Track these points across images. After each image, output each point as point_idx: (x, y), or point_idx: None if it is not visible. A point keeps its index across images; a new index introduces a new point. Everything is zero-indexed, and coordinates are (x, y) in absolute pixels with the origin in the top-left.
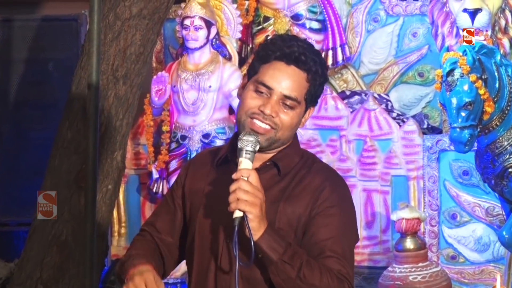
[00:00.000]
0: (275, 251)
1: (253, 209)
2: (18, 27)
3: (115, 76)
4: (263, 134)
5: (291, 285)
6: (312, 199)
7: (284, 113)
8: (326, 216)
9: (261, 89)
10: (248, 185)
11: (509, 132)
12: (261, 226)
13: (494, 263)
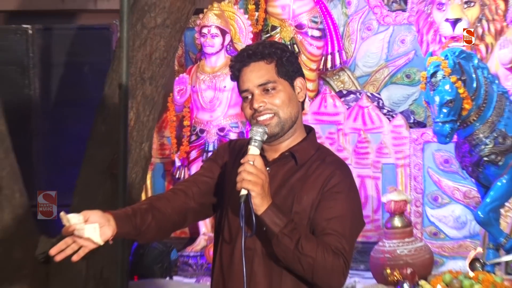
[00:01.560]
0: (276, 225)
1: (255, 187)
2: (57, 35)
3: (142, 77)
4: (269, 123)
5: (290, 255)
6: (323, 185)
7: (270, 96)
8: (332, 199)
9: (245, 95)
10: (253, 168)
11: (484, 126)
12: (264, 203)
13: (471, 239)
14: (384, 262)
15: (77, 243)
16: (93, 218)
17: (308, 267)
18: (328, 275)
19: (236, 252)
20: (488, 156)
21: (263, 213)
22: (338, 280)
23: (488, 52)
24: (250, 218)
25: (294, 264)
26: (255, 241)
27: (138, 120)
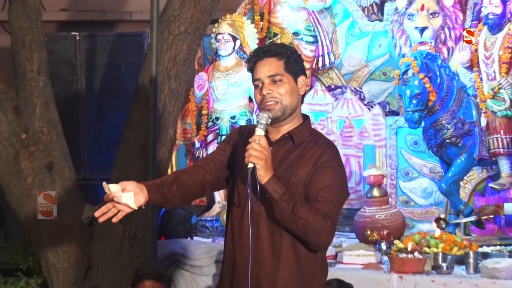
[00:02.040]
0: (277, 192)
1: (260, 161)
2: (99, 40)
3: (168, 75)
4: (273, 108)
5: (287, 217)
6: (315, 161)
7: (276, 86)
8: (323, 173)
9: (256, 84)
10: (258, 146)
11: (446, 114)
12: (267, 174)
13: (435, 206)
14: (365, 225)
15: (116, 207)
16: (129, 187)
17: (302, 227)
18: (318, 235)
19: (245, 216)
20: (449, 139)
21: (266, 183)
22: (326, 239)
23: (449, 54)
24: (255, 186)
25: (290, 225)
26: (260, 207)
27: (165, 109)
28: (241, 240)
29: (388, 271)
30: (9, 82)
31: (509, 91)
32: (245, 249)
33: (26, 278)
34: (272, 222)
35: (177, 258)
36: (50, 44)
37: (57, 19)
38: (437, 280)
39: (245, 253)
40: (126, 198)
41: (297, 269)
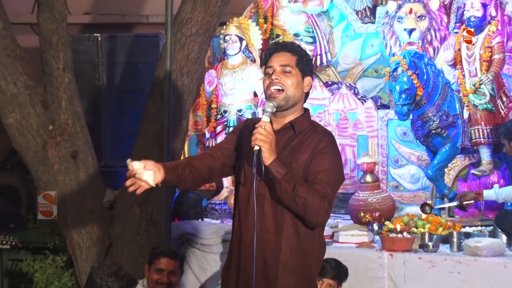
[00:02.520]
0: (279, 173)
1: (265, 144)
2: (119, 41)
3: (181, 72)
4: (277, 96)
5: (288, 196)
6: (314, 148)
7: (285, 76)
8: (320, 158)
9: (268, 71)
10: (264, 130)
11: (432, 108)
12: (271, 156)
13: (422, 190)
14: (359, 208)
15: (137, 183)
16: (149, 166)
17: (301, 206)
18: (316, 212)
19: (251, 198)
20: (435, 130)
21: (270, 164)
22: (323, 216)
23: (435, 53)
24: (260, 167)
25: (291, 203)
26: (264, 189)
27: (178, 103)
28: (247, 219)
29: (380, 249)
30: (37, 79)
31: (489, 86)
32: (252, 228)
33: (52, 256)
34: (275, 203)
35: (189, 238)
36: (74, 44)
37: (81, 22)
38: (424, 258)
39: (251, 231)
40: (146, 175)
41: (297, 245)
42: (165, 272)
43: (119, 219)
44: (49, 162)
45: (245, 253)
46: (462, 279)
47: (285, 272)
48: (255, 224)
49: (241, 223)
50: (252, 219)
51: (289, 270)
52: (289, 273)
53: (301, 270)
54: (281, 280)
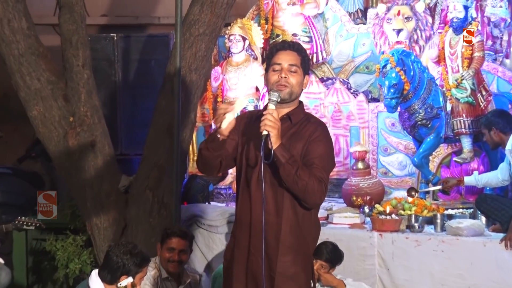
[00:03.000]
0: (284, 157)
1: (273, 130)
2: (133, 41)
3: (190, 69)
4: (284, 90)
5: (291, 178)
6: (309, 136)
7: (292, 75)
8: (315, 145)
9: (275, 67)
10: (272, 117)
11: (418, 101)
12: (277, 141)
13: (409, 176)
14: (352, 192)
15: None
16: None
17: (302, 187)
18: (314, 194)
19: (253, 181)
20: (421, 121)
21: (276, 148)
22: (320, 198)
23: (420, 51)
24: (268, 150)
25: (293, 185)
26: (265, 173)
27: (187, 97)
28: (250, 202)
29: (370, 230)
30: (59, 75)
31: (470, 81)
32: (256, 210)
33: (73, 236)
34: (275, 186)
35: (197, 219)
36: (92, 44)
37: (98, 23)
38: (410, 237)
39: (255, 213)
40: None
41: (296, 225)
42: (176, 250)
43: (133, 202)
44: (70, 151)
45: (249, 234)
46: (445, 256)
47: (285, 250)
48: (263, 205)
49: (244, 206)
50: (255, 202)
51: (289, 248)
52: (288, 251)
53: (299, 248)
54: (281, 257)
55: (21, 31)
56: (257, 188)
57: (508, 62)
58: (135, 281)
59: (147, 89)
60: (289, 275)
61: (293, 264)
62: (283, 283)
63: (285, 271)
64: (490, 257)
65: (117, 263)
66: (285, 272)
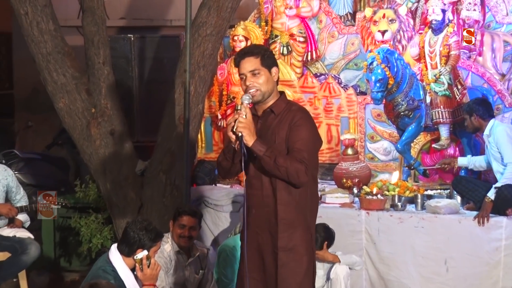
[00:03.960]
0: (260, 151)
1: (244, 130)
2: (148, 41)
3: (198, 66)
4: (255, 94)
5: (271, 167)
6: (290, 122)
7: (256, 77)
8: (296, 130)
9: (241, 77)
10: (242, 119)
11: (401, 94)
12: (251, 139)
13: (393, 161)
14: (342, 175)
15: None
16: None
17: (283, 172)
18: (297, 175)
19: (250, 171)
20: (403, 112)
21: (252, 145)
22: (303, 177)
23: (403, 50)
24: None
25: (275, 172)
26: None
27: (196, 91)
28: (253, 192)
29: (359, 209)
30: (82, 71)
31: (447, 77)
32: (255, 195)
33: (95, 214)
34: (271, 174)
35: (204, 200)
36: (112, 43)
37: (117, 25)
38: (394, 215)
39: (255, 198)
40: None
41: (291, 203)
42: (187, 227)
43: (148, 184)
44: (92, 139)
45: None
46: (425, 232)
47: (283, 227)
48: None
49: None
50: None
51: (286, 225)
52: (286, 227)
53: (297, 223)
54: (281, 234)
55: (49, 32)
56: (254, 176)
57: (480, 59)
58: (149, 254)
59: (160, 84)
60: (289, 248)
61: (292, 238)
62: (284, 256)
63: (285, 245)
64: (464, 232)
65: (134, 238)
66: (285, 246)
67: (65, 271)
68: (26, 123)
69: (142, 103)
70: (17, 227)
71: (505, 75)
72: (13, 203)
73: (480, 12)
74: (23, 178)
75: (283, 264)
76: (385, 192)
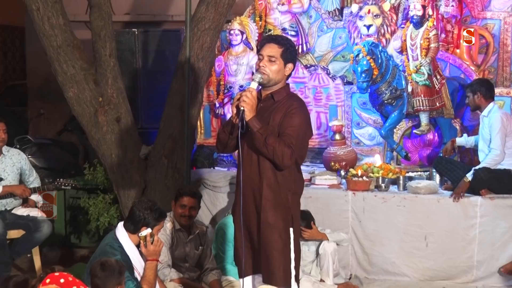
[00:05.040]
0: (255, 127)
1: (247, 105)
2: (151, 35)
3: (197, 58)
4: (263, 76)
5: (261, 144)
6: (286, 110)
7: (270, 64)
8: (289, 117)
9: (259, 57)
10: (249, 94)
11: (385, 84)
12: (250, 114)
13: (377, 146)
14: (330, 159)
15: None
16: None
17: (270, 151)
18: (282, 157)
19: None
20: (387, 100)
21: (249, 120)
22: (288, 161)
23: (387, 43)
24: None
25: (263, 149)
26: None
27: (195, 81)
28: (243, 167)
29: (345, 189)
30: (90, 63)
31: (427, 67)
32: (244, 172)
33: (102, 195)
34: (259, 153)
35: (203, 181)
36: (117, 37)
37: (122, 20)
38: (378, 195)
39: (244, 175)
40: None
41: (275, 183)
42: (187, 207)
43: (151, 167)
44: (99, 125)
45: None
46: (406, 211)
47: (266, 203)
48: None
49: (238, 170)
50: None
51: (269, 202)
52: (269, 204)
53: (279, 201)
54: (264, 209)
55: (59, 27)
56: (247, 153)
57: (458, 51)
58: (153, 232)
59: (162, 75)
60: (270, 223)
61: (273, 214)
62: (266, 230)
63: (267, 220)
64: (442, 211)
65: (139, 217)
66: (267, 221)
67: (75, 247)
68: (38, 111)
69: (146, 92)
70: (31, 206)
71: (480, 66)
72: (26, 184)
73: (457, 8)
74: (35, 161)
75: (265, 238)
76: (370, 174)
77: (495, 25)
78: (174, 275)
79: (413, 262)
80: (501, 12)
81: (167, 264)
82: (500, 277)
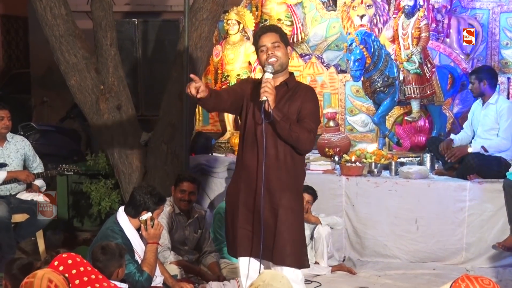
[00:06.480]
0: (278, 116)
1: (270, 96)
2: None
3: (196, 47)
4: (275, 64)
5: (286, 132)
6: (302, 99)
7: (277, 50)
8: (307, 104)
9: (262, 49)
10: (270, 85)
11: (377, 72)
12: (273, 104)
13: (370, 132)
14: (325, 145)
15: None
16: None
17: (295, 138)
18: (305, 142)
19: (258, 133)
20: (379, 88)
21: (272, 110)
22: (310, 145)
23: (379, 32)
24: (267, 112)
25: (288, 137)
26: (268, 127)
27: (193, 69)
28: (254, 149)
29: (339, 175)
30: (91, 52)
31: (418, 56)
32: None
33: (104, 180)
34: (275, 137)
35: (202, 167)
36: (118, 27)
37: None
38: (371, 180)
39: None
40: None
41: (292, 168)
42: (187, 192)
43: (151, 153)
44: (101, 113)
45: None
46: (398, 195)
47: (284, 187)
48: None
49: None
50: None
51: (287, 186)
52: (286, 188)
53: (294, 185)
54: (282, 193)
55: (61, 17)
56: (260, 140)
57: (448, 40)
58: (153, 215)
59: (162, 63)
60: (289, 206)
61: (290, 198)
62: (286, 213)
63: (286, 204)
64: (433, 195)
65: (140, 201)
66: (286, 204)
67: (78, 230)
68: (41, 99)
69: (146, 81)
70: (34, 191)
71: (469, 54)
72: (30, 170)
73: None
74: (39, 148)
75: (282, 221)
76: (363, 159)
77: (484, 14)
78: (174, 257)
79: (404, 244)
80: (489, 2)
81: (167, 247)
82: (488, 258)
